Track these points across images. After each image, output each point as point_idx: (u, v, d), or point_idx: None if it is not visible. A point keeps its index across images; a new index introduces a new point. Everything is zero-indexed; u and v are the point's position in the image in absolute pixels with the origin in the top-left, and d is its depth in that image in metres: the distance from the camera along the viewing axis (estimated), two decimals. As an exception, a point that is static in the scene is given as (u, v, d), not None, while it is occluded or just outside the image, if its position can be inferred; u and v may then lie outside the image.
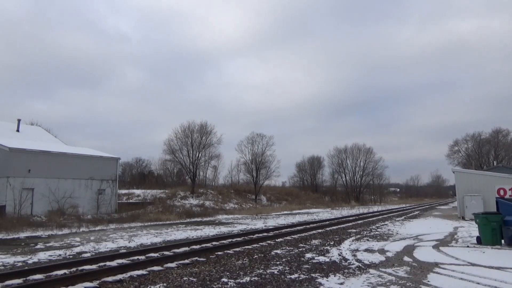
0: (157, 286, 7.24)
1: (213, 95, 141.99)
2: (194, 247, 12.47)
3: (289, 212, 39.99)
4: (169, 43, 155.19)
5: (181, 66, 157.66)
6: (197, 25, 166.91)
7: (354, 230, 18.95)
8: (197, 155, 47.69)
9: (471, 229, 18.14)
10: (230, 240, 14.52)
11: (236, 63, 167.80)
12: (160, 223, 24.29)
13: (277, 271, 8.55)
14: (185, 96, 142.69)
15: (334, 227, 20.70)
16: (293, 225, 21.79)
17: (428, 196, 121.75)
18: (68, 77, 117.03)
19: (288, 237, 15.61)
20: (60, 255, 11.21)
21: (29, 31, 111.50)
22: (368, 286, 7.20)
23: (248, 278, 7.82)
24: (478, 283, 7.21)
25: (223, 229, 19.86)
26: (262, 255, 11.02)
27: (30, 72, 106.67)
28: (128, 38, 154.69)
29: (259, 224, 23.70)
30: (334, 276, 8.08)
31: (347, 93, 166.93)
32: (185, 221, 26.57)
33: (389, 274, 8.20)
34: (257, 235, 16.44)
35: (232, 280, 7.64)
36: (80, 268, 8.85)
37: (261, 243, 13.65)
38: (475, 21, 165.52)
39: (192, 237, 16.20)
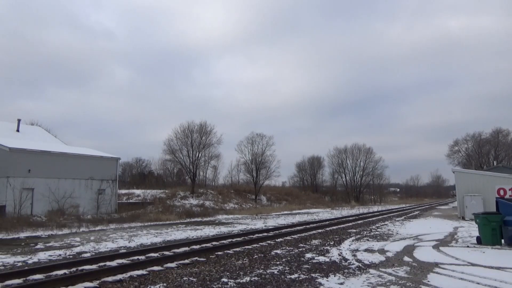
0: (157, 286, 7.24)
1: (204, 94, 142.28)
2: (194, 247, 12.47)
3: (289, 212, 39.99)
4: (155, 40, 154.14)
5: (169, 64, 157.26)
6: (182, 21, 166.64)
7: (354, 230, 18.95)
8: (197, 155, 47.73)
9: (471, 229, 18.14)
10: (230, 240, 14.52)
11: (224, 61, 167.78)
12: (160, 223, 24.29)
13: (277, 271, 8.55)
14: (175, 95, 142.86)
15: (334, 227, 20.69)
16: (293, 225, 21.79)
17: (428, 196, 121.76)
18: (55, 75, 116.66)
19: (288, 237, 15.61)
20: (60, 255, 11.21)
21: (12, 28, 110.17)
22: (368, 286, 7.20)
23: (248, 278, 7.82)
24: (478, 283, 7.21)
25: (223, 229, 19.85)
26: (262, 255, 11.02)
27: (17, 70, 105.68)
28: (114, 34, 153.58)
29: (259, 224, 23.70)
30: (334, 276, 8.08)
31: (341, 92, 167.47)
32: (185, 221, 26.56)
33: (389, 274, 8.20)
34: (257, 235, 16.44)
35: (232, 280, 7.63)
36: (80, 268, 8.84)
37: (261, 243, 13.65)
38: (464, 18, 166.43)
39: (192, 237, 16.19)
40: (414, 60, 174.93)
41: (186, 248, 12.17)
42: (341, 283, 7.42)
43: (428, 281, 7.41)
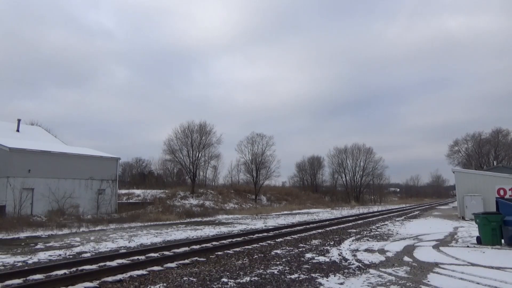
0: (157, 286, 7.24)
1: (203, 94, 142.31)
2: (194, 247, 12.47)
3: (289, 212, 39.99)
4: (154, 40, 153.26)
5: (168, 64, 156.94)
6: (181, 21, 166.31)
7: (354, 230, 18.95)
8: (197, 155, 47.75)
9: (471, 229, 18.14)
10: (230, 240, 14.52)
11: (224, 61, 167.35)
12: (160, 223, 24.29)
13: (277, 271, 8.55)
14: (175, 94, 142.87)
15: (334, 227, 20.69)
16: (293, 225, 21.79)
17: (428, 196, 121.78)
18: (55, 75, 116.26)
19: (288, 237, 15.61)
20: (60, 255, 11.21)
21: (11, 28, 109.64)
22: (368, 286, 7.20)
23: (248, 278, 7.82)
24: (478, 283, 7.21)
25: (223, 229, 19.85)
26: (262, 255, 11.02)
27: (17, 70, 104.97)
28: (112, 34, 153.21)
29: (259, 224, 23.70)
30: (334, 276, 8.08)
31: (341, 92, 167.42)
32: (185, 221, 26.56)
33: (389, 274, 8.20)
34: (257, 235, 16.44)
35: (232, 280, 7.63)
36: (80, 268, 8.84)
37: (261, 243, 13.65)
38: (463, 18, 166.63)
39: (192, 237, 16.19)
40: (414, 60, 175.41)
41: (186, 248, 12.17)
42: (341, 283, 7.42)
43: (428, 281, 7.41)
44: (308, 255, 10.85)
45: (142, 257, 10.49)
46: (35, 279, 7.66)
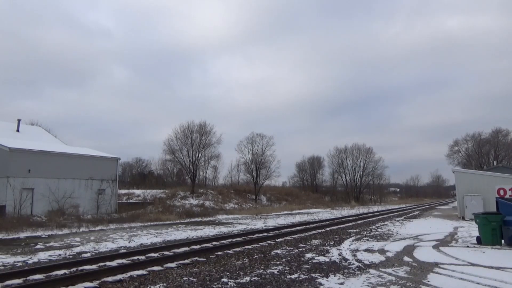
0: (157, 286, 7.24)
1: (203, 94, 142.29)
2: (194, 247, 12.47)
3: (289, 212, 39.98)
4: (153, 40, 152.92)
5: (167, 64, 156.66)
6: (180, 21, 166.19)
7: (354, 230, 18.95)
8: (197, 155, 47.77)
9: (471, 229, 18.14)
10: (230, 240, 14.52)
11: (223, 61, 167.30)
12: (160, 223, 24.29)
13: (277, 271, 8.55)
14: (174, 94, 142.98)
15: (334, 227, 20.69)
16: (293, 225, 21.79)
17: (428, 196, 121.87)
18: (55, 75, 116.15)
19: (288, 237, 15.61)
20: (60, 255, 11.21)
21: (10, 28, 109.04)
22: (368, 286, 7.20)
23: (248, 278, 7.82)
24: (478, 283, 7.21)
25: (223, 229, 19.86)
26: (262, 255, 11.02)
27: (17, 70, 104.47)
28: (112, 34, 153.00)
29: (259, 224, 23.70)
30: (334, 276, 8.08)
31: (341, 92, 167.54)
32: (185, 221, 26.56)
33: (389, 274, 8.20)
34: (257, 235, 16.44)
35: (232, 280, 7.64)
36: (80, 268, 8.85)
37: (261, 243, 13.65)
38: (462, 17, 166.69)
39: (192, 237, 16.19)
40: (413, 60, 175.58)
41: (186, 248, 12.18)
42: (341, 283, 7.42)
43: (428, 281, 7.41)
44: (308, 255, 10.85)
45: (142, 257, 10.49)
46: (35, 279, 7.66)
